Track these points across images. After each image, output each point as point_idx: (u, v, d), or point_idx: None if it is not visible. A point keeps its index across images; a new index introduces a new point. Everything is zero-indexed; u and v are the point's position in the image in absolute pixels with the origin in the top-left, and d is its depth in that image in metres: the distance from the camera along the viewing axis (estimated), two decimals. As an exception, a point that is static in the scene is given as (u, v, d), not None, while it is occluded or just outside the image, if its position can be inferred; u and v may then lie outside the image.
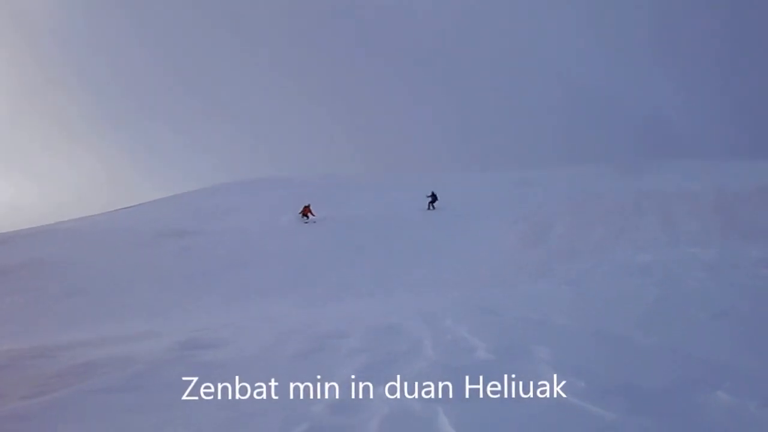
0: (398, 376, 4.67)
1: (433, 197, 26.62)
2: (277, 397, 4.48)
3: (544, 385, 4.10)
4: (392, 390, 4.25)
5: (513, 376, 4.42)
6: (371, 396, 4.18)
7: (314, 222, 25.18)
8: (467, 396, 3.98)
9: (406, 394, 4.09)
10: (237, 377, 5.18)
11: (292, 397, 4.43)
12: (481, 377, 4.45)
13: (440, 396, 3.97)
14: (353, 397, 4.23)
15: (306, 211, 26.19)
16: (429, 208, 26.25)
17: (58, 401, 4.67)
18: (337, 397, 4.27)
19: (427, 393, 4.07)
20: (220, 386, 4.90)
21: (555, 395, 3.88)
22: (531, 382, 4.22)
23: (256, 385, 4.95)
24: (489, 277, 14.44)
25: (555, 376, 4.26)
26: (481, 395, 3.99)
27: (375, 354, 5.65)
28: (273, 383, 4.97)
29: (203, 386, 4.93)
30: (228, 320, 10.07)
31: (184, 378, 5.26)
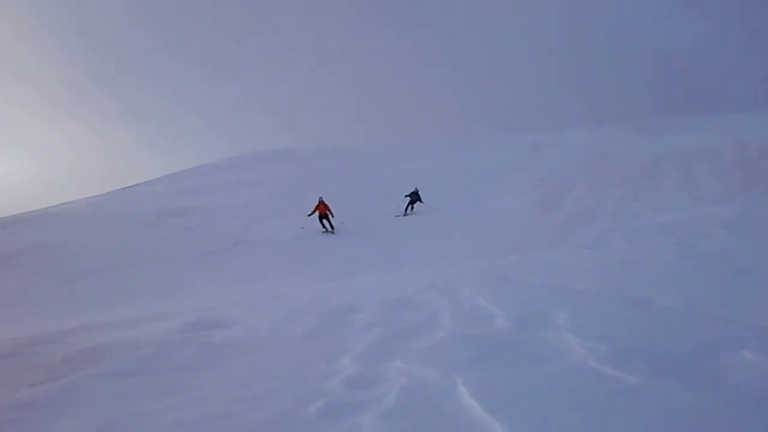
0: (415, 348, 4.63)
1: (414, 196, 21.18)
2: (290, 375, 4.43)
3: (564, 351, 4.05)
4: (409, 362, 4.19)
5: (532, 343, 4.38)
6: (388, 369, 4.12)
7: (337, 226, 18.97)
8: (486, 365, 3.92)
9: (424, 366, 4.03)
10: (248, 357, 5.16)
11: (305, 374, 4.37)
12: (500, 346, 4.41)
13: (459, 366, 3.92)
14: (369, 371, 4.18)
15: (324, 210, 19.21)
16: (406, 213, 20.65)
17: (66, 387, 4.62)
18: (352, 372, 4.21)
19: (446, 364, 4.01)
20: (231, 367, 4.87)
21: (575, 361, 3.81)
22: (551, 349, 4.16)
23: (268, 363, 4.93)
24: (505, 245, 14.36)
25: (575, 341, 4.19)
26: (501, 364, 3.94)
27: (390, 327, 5.58)
28: (285, 361, 4.95)
29: (214, 367, 4.91)
30: (236, 299, 10.03)
31: (193, 359, 5.24)
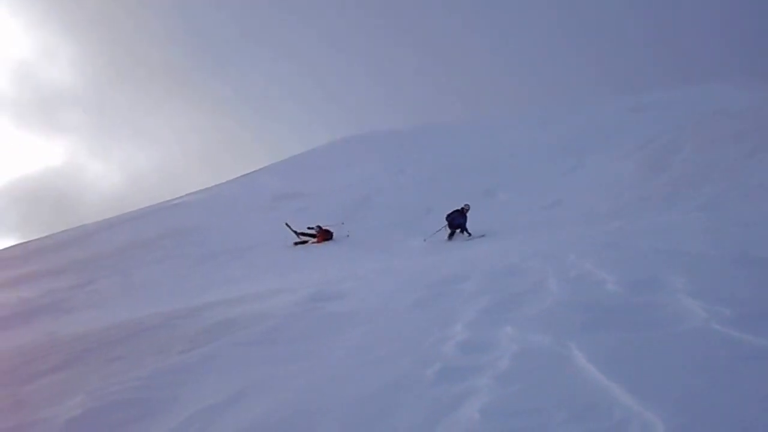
0: (525, 315, 4.64)
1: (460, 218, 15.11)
2: (404, 341, 4.62)
3: (684, 315, 3.91)
4: (520, 328, 4.21)
5: (648, 307, 4.24)
6: (500, 335, 4.15)
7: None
8: (600, 330, 3.86)
9: (535, 332, 4.02)
10: (364, 326, 5.46)
11: (419, 340, 4.52)
12: (613, 310, 4.30)
13: (571, 331, 3.88)
14: (481, 337, 4.23)
15: (321, 238, 17.27)
16: (450, 236, 14.88)
17: (208, 355, 5.21)
18: (464, 337, 4.28)
19: (557, 329, 3.98)
20: (349, 335, 5.18)
21: (697, 324, 3.68)
22: (668, 312, 4.03)
23: (383, 331, 5.19)
24: (609, 210, 13.79)
25: (695, 304, 4.02)
26: (615, 328, 3.85)
27: (498, 295, 5.59)
28: (399, 329, 5.17)
29: (333, 335, 5.25)
30: (350, 272, 10.41)
31: (315, 329, 5.66)
